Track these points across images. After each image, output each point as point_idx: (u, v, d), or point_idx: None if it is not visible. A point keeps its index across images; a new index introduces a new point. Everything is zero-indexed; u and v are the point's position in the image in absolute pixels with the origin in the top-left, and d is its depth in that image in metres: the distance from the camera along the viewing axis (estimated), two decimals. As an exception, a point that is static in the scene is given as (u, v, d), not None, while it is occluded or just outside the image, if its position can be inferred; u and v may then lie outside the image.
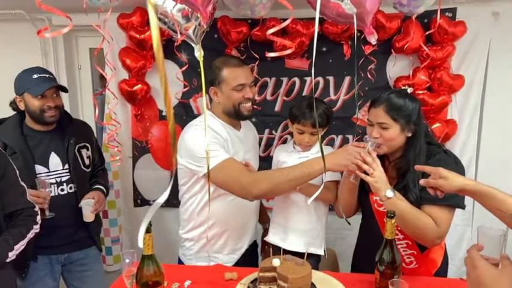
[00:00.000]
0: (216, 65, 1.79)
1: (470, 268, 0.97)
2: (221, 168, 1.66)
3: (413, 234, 1.58)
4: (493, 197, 1.26)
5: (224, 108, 1.82)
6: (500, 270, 0.94)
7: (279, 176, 1.68)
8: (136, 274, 1.39)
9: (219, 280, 1.61)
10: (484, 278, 0.92)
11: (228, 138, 1.81)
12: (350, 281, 1.55)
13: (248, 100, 1.80)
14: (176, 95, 2.49)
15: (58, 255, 2.10)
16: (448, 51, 2.30)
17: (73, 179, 2.06)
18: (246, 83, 1.78)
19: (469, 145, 2.53)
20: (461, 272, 2.52)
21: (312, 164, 1.65)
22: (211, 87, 1.80)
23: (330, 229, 2.25)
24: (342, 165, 1.61)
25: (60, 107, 2.03)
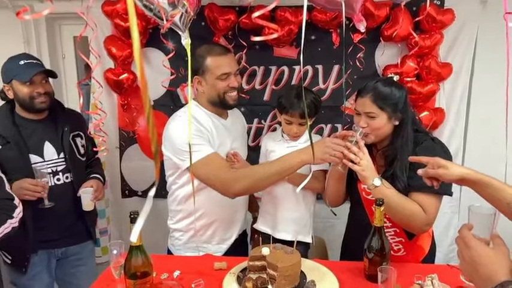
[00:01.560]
0: (200, 53, 1.74)
1: (463, 248, 0.97)
2: (204, 164, 1.65)
3: (401, 221, 1.59)
4: (492, 185, 1.23)
5: (209, 97, 1.79)
6: (494, 249, 0.94)
7: (259, 173, 1.68)
8: (124, 265, 1.37)
9: (208, 270, 1.60)
10: (478, 257, 0.93)
11: (213, 129, 1.78)
12: (339, 268, 1.56)
13: (233, 89, 1.77)
14: (163, 83, 2.44)
15: (55, 249, 2.07)
16: (436, 39, 2.30)
17: (69, 168, 2.02)
18: (231, 72, 1.75)
19: (457, 133, 2.55)
20: (448, 259, 2.57)
21: (290, 158, 1.64)
22: (195, 76, 1.77)
23: (319, 218, 2.26)
24: (319, 158, 1.60)
25: (50, 93, 1.98)
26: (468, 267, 0.96)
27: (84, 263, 2.16)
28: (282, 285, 1.40)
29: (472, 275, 0.96)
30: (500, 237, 0.97)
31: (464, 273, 1.00)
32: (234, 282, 1.46)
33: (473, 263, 0.94)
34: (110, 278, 1.52)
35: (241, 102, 2.43)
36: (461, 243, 0.98)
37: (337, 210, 1.95)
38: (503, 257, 0.92)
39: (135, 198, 2.75)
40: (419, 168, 1.54)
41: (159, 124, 1.84)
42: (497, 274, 0.89)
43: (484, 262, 0.92)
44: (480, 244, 0.95)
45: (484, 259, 0.92)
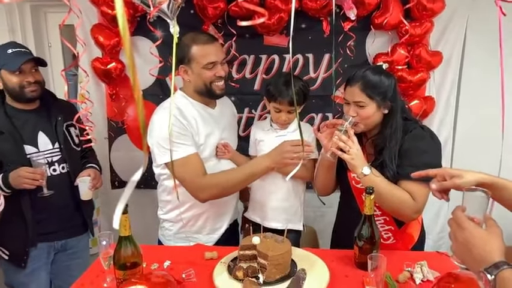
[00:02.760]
0: (185, 42, 1.70)
1: (456, 229, 0.97)
2: (180, 164, 1.66)
3: (390, 209, 1.59)
4: (506, 187, 1.19)
5: (195, 87, 1.76)
6: (488, 230, 0.94)
7: (227, 181, 1.73)
8: (114, 256, 1.36)
9: (199, 260, 1.60)
10: (472, 238, 0.93)
11: (198, 119, 1.76)
12: (329, 256, 1.56)
13: (220, 78, 1.74)
14: (150, 71, 2.40)
15: (55, 241, 2.05)
16: (426, 27, 2.30)
17: (65, 158, 2.00)
18: (217, 61, 1.72)
19: (447, 122, 2.56)
20: (438, 246, 2.60)
21: (255, 165, 1.73)
22: (181, 65, 1.73)
23: (310, 207, 2.26)
24: (279, 162, 1.68)
25: (41, 82, 1.94)
26: (461, 248, 0.95)
27: (79, 256, 2.14)
28: (272, 273, 1.40)
29: (464, 256, 0.96)
30: (493, 219, 0.97)
31: (457, 255, 0.98)
32: (225, 272, 1.46)
33: (467, 243, 0.93)
34: (100, 269, 1.50)
35: (231, 92, 2.43)
36: (454, 225, 0.98)
37: (328, 200, 1.95)
38: (496, 238, 0.92)
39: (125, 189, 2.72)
40: (408, 157, 1.55)
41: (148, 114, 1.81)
42: (491, 255, 0.89)
43: (478, 243, 0.92)
44: (474, 225, 0.95)
45: (478, 240, 0.92)
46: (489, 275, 0.86)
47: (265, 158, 1.73)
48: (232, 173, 1.77)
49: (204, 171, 1.73)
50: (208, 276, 1.46)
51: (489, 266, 0.87)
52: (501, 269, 0.86)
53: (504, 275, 0.85)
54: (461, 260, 0.97)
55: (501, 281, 0.85)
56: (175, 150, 1.65)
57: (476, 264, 0.90)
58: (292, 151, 1.65)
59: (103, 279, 1.47)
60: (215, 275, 1.44)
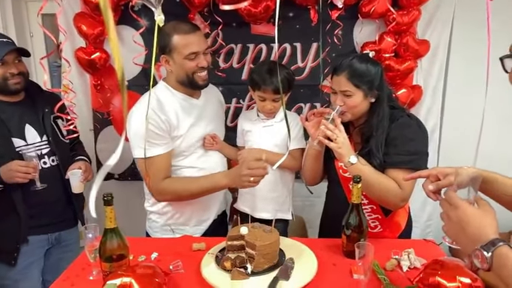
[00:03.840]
0: (166, 31, 1.66)
1: (449, 209, 0.96)
2: (148, 163, 1.65)
3: (377, 198, 1.60)
4: (496, 180, 1.21)
5: (177, 77, 1.73)
6: (481, 209, 0.94)
7: (185, 190, 1.74)
8: (99, 248, 1.35)
9: (186, 251, 1.59)
10: (465, 217, 0.92)
11: (179, 111, 1.74)
12: (318, 245, 1.56)
13: (202, 69, 1.71)
14: (134, 59, 2.35)
15: (49, 234, 2.02)
16: (414, 15, 2.29)
17: (54, 151, 1.96)
18: (199, 51, 1.68)
19: (434, 111, 2.57)
20: (425, 234, 2.63)
21: (215, 180, 1.73)
22: (162, 55, 1.70)
23: (299, 196, 2.26)
24: (237, 184, 1.70)
25: (25, 73, 1.89)
26: (454, 228, 0.95)
27: (71, 249, 2.12)
28: (260, 263, 1.39)
29: (458, 236, 0.95)
30: (483, 199, 0.97)
31: (450, 235, 0.98)
32: (213, 263, 1.45)
33: (461, 222, 0.93)
34: (85, 262, 1.49)
35: (218, 82, 2.41)
36: (447, 205, 0.98)
37: (317, 189, 1.95)
38: (490, 216, 0.92)
39: (112, 181, 2.70)
40: (395, 145, 1.55)
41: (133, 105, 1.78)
42: (485, 232, 0.89)
43: (472, 221, 0.92)
44: (467, 204, 0.95)
45: (472, 218, 0.92)
46: (486, 252, 0.86)
47: (224, 176, 1.74)
48: (191, 184, 1.76)
49: (166, 174, 1.73)
50: (196, 267, 1.45)
51: (485, 244, 0.87)
52: (498, 246, 0.86)
53: (501, 251, 0.85)
54: (455, 239, 0.98)
55: (498, 258, 0.85)
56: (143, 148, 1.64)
57: (471, 243, 0.90)
58: (249, 175, 1.65)
59: (89, 272, 1.45)
60: (203, 266, 1.43)
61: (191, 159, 1.81)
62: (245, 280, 1.35)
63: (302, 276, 1.35)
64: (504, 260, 0.84)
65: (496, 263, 0.85)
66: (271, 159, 1.75)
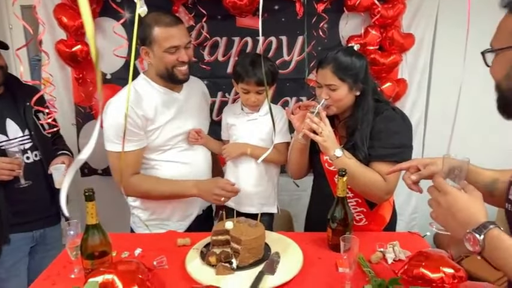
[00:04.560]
0: (147, 22, 1.62)
1: (438, 195, 0.97)
2: (116, 157, 1.66)
3: (362, 191, 1.60)
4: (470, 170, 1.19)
5: (157, 70, 1.71)
6: (470, 194, 0.95)
7: (154, 190, 1.75)
8: (81, 245, 1.32)
9: (171, 247, 1.57)
10: (455, 202, 0.93)
11: (159, 106, 1.72)
12: (303, 239, 1.56)
13: (183, 63, 1.68)
14: (114, 51, 2.30)
15: (34, 231, 1.97)
16: (398, 9, 2.29)
17: (37, 146, 1.92)
18: (180, 45, 1.64)
19: (419, 104, 2.59)
20: (410, 227, 2.65)
21: (185, 187, 1.75)
22: (142, 46, 1.66)
23: (285, 191, 2.26)
24: (206, 198, 1.76)
25: (3, 67, 1.84)
26: (444, 213, 0.95)
27: (54, 247, 2.06)
28: (246, 258, 1.38)
29: (448, 221, 0.96)
30: (471, 185, 0.98)
31: (439, 221, 0.99)
32: (198, 258, 1.44)
33: (451, 207, 0.93)
34: (67, 260, 1.46)
35: (203, 75, 2.38)
36: (436, 191, 0.98)
37: (303, 183, 1.95)
38: (479, 201, 0.93)
39: (95, 176, 2.65)
40: (380, 138, 1.56)
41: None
42: (476, 216, 0.90)
43: (461, 206, 0.92)
44: (456, 190, 0.95)
45: (461, 203, 0.93)
46: (478, 235, 0.87)
47: (195, 186, 1.75)
48: (161, 185, 1.76)
49: (134, 170, 1.73)
50: (181, 263, 1.43)
51: (477, 227, 0.88)
52: (489, 229, 0.86)
53: (493, 233, 0.86)
54: (444, 225, 0.98)
55: (490, 240, 0.86)
56: (116, 143, 1.66)
57: (461, 228, 0.91)
58: (220, 195, 1.71)
59: (70, 270, 1.42)
60: (187, 262, 1.42)
61: (171, 153, 1.78)
62: (230, 275, 1.34)
63: (288, 270, 1.35)
64: (496, 242, 0.85)
65: (488, 246, 0.86)
66: (255, 154, 1.75)
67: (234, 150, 1.83)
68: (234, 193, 1.75)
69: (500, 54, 0.94)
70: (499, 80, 0.97)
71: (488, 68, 0.99)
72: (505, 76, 0.94)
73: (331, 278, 1.34)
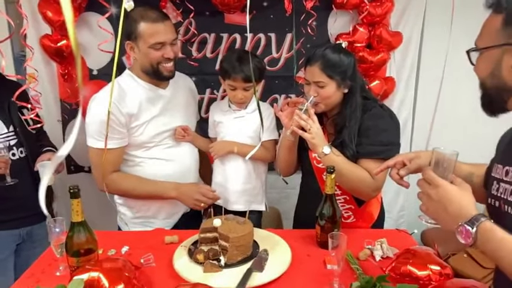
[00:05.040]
0: (133, 17, 1.60)
1: (429, 188, 0.98)
2: (96, 153, 1.67)
3: (350, 188, 1.60)
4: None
5: (142, 66, 1.69)
6: (459, 187, 0.96)
7: (134, 189, 1.74)
8: (66, 242, 1.30)
9: (158, 244, 1.56)
10: (447, 195, 0.94)
11: (144, 101, 1.70)
12: (292, 237, 1.56)
13: (168, 60, 1.66)
14: (99, 46, 2.25)
15: (21, 228, 1.93)
16: (387, 7, 2.30)
17: (22, 142, 1.88)
18: (166, 41, 1.63)
19: (406, 102, 2.60)
20: (398, 225, 2.67)
21: (165, 189, 1.74)
22: (127, 41, 1.64)
23: (274, 188, 2.25)
24: (184, 201, 1.75)
25: None
26: (436, 206, 0.96)
27: (40, 245, 2.03)
28: (234, 255, 1.37)
29: (439, 214, 0.97)
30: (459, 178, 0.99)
31: (430, 214, 1.00)
32: (185, 255, 1.43)
33: (443, 200, 0.94)
34: (52, 257, 1.43)
35: (192, 72, 2.36)
36: (426, 184, 0.99)
37: (292, 180, 1.94)
38: (468, 193, 0.95)
39: (82, 174, 2.62)
40: (368, 136, 1.56)
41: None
42: (467, 209, 0.91)
43: (453, 199, 0.93)
44: (447, 182, 0.96)
45: (453, 196, 0.94)
46: (470, 228, 0.88)
47: (175, 189, 1.74)
48: (141, 185, 1.74)
49: (114, 168, 1.72)
50: (168, 260, 1.42)
51: (469, 220, 0.89)
52: (481, 221, 0.88)
53: (485, 226, 0.87)
54: (435, 218, 0.99)
55: (483, 232, 0.87)
56: (97, 139, 1.65)
57: (452, 220, 0.92)
58: (201, 201, 1.72)
59: (55, 268, 1.40)
60: (175, 259, 1.41)
61: (156, 150, 1.77)
62: (218, 272, 1.33)
63: (276, 268, 1.35)
64: (489, 234, 0.87)
65: (480, 238, 0.87)
66: (243, 152, 1.74)
67: (222, 149, 1.82)
68: (214, 200, 1.76)
69: (485, 53, 0.97)
70: (483, 78, 1.00)
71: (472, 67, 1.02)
72: (489, 74, 0.97)
73: (319, 275, 1.35)
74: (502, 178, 1.03)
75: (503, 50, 0.93)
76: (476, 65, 1.01)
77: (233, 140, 1.82)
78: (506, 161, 1.04)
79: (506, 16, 0.91)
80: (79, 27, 2.34)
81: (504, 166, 1.03)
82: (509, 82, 0.94)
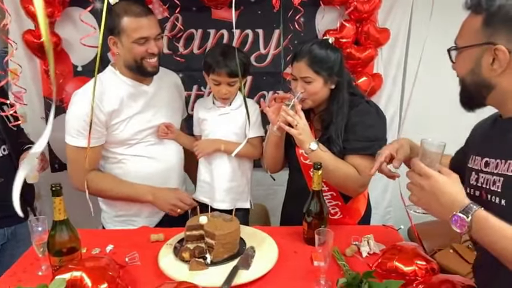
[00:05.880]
0: (116, 11, 1.57)
1: (420, 179, 0.99)
2: (73, 151, 1.67)
3: (337, 184, 1.60)
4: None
5: (125, 62, 1.66)
6: (449, 177, 0.98)
7: (111, 189, 1.73)
8: (48, 242, 1.27)
9: (144, 243, 1.54)
10: (439, 185, 0.96)
11: (126, 98, 1.68)
12: (279, 233, 1.55)
13: (152, 55, 1.64)
14: (81, 40, 2.18)
15: (5, 228, 1.89)
16: (374, 3, 2.30)
17: (4, 139, 1.83)
18: (150, 36, 1.60)
19: (394, 99, 2.61)
20: (385, 221, 2.68)
21: (141, 193, 1.73)
22: (110, 36, 1.61)
23: (261, 185, 2.24)
24: (160, 206, 1.74)
25: None
26: (428, 197, 0.98)
27: (23, 244, 1.98)
28: (220, 253, 1.36)
29: (431, 204, 0.99)
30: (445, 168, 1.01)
31: (421, 204, 1.02)
32: (171, 254, 1.41)
33: (435, 191, 0.96)
34: (34, 257, 1.41)
35: (178, 68, 2.33)
36: (417, 176, 1.01)
37: (280, 177, 1.93)
38: (458, 183, 0.97)
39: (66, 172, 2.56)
40: (354, 131, 1.56)
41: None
42: (460, 198, 0.94)
43: (445, 189, 0.96)
44: (438, 173, 0.98)
45: (445, 186, 0.96)
46: (465, 217, 0.91)
47: (150, 193, 1.73)
48: (118, 186, 1.73)
49: (92, 167, 1.70)
50: (154, 259, 1.40)
51: (464, 208, 0.92)
52: (475, 210, 0.91)
53: (480, 214, 0.91)
54: (427, 208, 1.01)
55: (477, 221, 0.90)
56: (75, 136, 1.64)
57: (445, 210, 0.94)
58: (178, 206, 1.73)
59: (37, 267, 1.38)
60: (160, 258, 1.39)
61: (139, 147, 1.74)
62: (204, 270, 1.31)
63: (263, 265, 1.34)
64: (483, 222, 0.90)
65: (475, 226, 0.90)
66: (229, 149, 1.72)
67: (207, 147, 1.79)
68: (191, 207, 1.76)
69: (465, 51, 1.02)
70: (463, 75, 1.05)
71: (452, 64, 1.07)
72: (469, 71, 1.02)
73: (306, 272, 1.34)
74: (481, 169, 1.06)
75: (483, 48, 0.97)
76: (456, 63, 1.06)
77: (218, 138, 1.80)
78: (484, 152, 1.07)
79: (486, 17, 0.96)
80: (63, 22, 2.29)
81: (483, 158, 1.06)
82: (488, 79, 0.99)
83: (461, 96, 1.09)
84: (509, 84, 0.99)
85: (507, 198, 0.97)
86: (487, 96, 1.03)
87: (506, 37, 0.94)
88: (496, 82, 0.99)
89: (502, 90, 1.00)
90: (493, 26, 0.96)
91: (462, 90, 1.08)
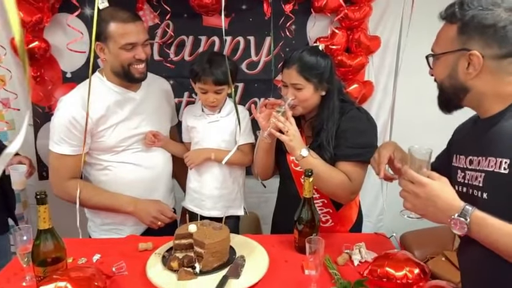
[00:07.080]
0: (103, 17, 1.55)
1: (414, 187, 1.02)
2: (55, 158, 1.66)
3: (328, 191, 1.59)
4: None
5: (112, 68, 1.65)
6: (439, 181, 1.01)
7: (89, 199, 1.70)
8: (32, 251, 1.24)
9: (132, 252, 1.51)
10: (434, 191, 0.99)
11: (112, 105, 1.66)
12: (270, 242, 1.53)
13: (140, 61, 1.62)
14: (68, 45, 2.18)
15: None
16: (365, 11, 2.31)
17: None
18: (137, 42, 1.59)
19: (385, 106, 2.61)
20: (377, 228, 2.67)
21: (122, 203, 1.70)
22: (97, 42, 1.59)
23: (253, 193, 2.22)
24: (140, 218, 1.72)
25: None
26: (424, 203, 1.01)
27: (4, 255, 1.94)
28: (209, 262, 1.34)
29: (428, 210, 1.01)
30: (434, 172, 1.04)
31: (416, 210, 1.04)
32: (159, 263, 1.38)
33: (431, 197, 0.99)
34: (18, 267, 1.37)
35: (170, 75, 2.32)
36: (410, 184, 1.03)
37: (271, 185, 1.92)
38: (449, 186, 1.01)
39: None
40: (345, 138, 1.56)
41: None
42: (455, 201, 0.98)
43: (440, 194, 0.99)
44: (430, 180, 1.01)
45: (439, 192, 0.99)
46: (464, 219, 0.95)
47: (131, 204, 1.71)
48: (98, 196, 1.71)
49: (73, 175, 1.68)
50: (142, 268, 1.38)
51: (460, 211, 0.96)
52: (471, 211, 0.95)
53: (477, 215, 0.95)
54: (424, 214, 1.04)
55: (475, 221, 0.94)
56: (57, 143, 1.63)
57: (443, 214, 0.98)
58: (159, 219, 1.71)
59: (22, 278, 1.34)
60: (148, 267, 1.36)
61: (125, 155, 1.72)
62: (193, 280, 1.29)
63: (253, 274, 1.32)
64: (481, 222, 0.94)
65: (474, 227, 0.95)
66: (220, 157, 1.71)
67: (198, 157, 1.77)
68: (172, 220, 1.75)
69: (442, 57, 1.09)
70: (441, 79, 1.11)
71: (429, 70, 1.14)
72: (447, 76, 1.08)
73: (297, 281, 1.32)
74: (467, 167, 1.10)
75: (459, 54, 1.04)
76: (434, 69, 1.12)
77: (208, 145, 1.78)
78: (467, 151, 1.11)
79: (461, 25, 1.03)
80: (52, 28, 2.26)
81: (467, 156, 1.11)
82: (464, 82, 1.05)
83: (439, 100, 1.15)
84: (483, 87, 1.04)
85: (488, 191, 1.01)
86: (464, 98, 1.09)
87: (479, 43, 1.01)
88: (471, 85, 1.05)
89: (477, 92, 1.05)
90: (467, 33, 1.02)
91: (440, 93, 1.14)
